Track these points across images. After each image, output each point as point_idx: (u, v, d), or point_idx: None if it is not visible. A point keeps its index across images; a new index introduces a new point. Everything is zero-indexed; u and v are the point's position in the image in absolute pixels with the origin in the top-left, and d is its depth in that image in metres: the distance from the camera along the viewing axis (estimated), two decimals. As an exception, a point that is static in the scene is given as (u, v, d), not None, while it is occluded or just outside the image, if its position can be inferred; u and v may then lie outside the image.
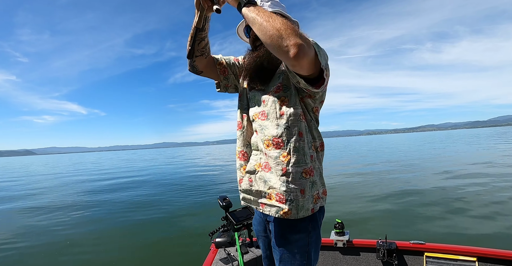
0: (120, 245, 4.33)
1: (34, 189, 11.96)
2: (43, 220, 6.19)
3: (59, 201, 8.63)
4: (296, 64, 0.79)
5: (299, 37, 0.75)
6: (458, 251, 1.73)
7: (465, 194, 6.00)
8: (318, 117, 1.07)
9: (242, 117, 1.13)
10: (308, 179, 0.98)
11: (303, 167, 0.97)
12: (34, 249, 4.37)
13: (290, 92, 0.99)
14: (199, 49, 1.09)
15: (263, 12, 0.81)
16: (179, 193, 8.66)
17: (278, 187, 0.97)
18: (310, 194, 0.98)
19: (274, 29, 0.76)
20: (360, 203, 5.84)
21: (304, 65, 0.80)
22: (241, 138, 1.12)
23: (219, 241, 2.00)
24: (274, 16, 0.79)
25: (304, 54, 0.75)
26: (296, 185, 0.96)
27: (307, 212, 0.98)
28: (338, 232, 2.05)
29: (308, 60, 0.78)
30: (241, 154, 1.12)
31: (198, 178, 12.32)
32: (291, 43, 0.74)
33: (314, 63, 0.82)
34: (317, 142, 1.06)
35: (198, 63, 1.13)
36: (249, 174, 1.06)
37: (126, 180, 13.64)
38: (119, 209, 7.00)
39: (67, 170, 25.59)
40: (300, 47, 0.74)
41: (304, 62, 0.78)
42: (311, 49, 0.78)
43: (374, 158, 16.21)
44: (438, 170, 9.75)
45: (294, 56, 0.75)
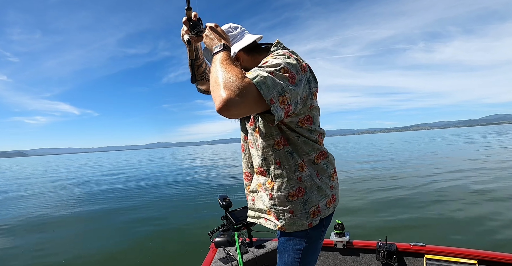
0: (119, 245, 4.34)
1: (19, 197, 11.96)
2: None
3: (58, 201, 8.64)
4: (228, 116, 0.78)
5: (227, 90, 0.75)
6: (458, 254, 1.72)
7: (466, 195, 5.98)
8: (313, 124, 1.03)
9: (244, 140, 1.18)
10: (296, 200, 1.01)
11: (287, 191, 1.01)
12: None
13: (261, 123, 1.01)
14: (199, 75, 1.21)
15: (216, 65, 0.86)
16: (178, 192, 8.67)
17: (270, 208, 1.06)
18: (304, 212, 1.02)
19: (212, 80, 0.81)
20: (361, 204, 5.83)
21: (239, 113, 0.78)
22: (244, 159, 1.18)
23: (219, 241, 2.01)
24: (218, 67, 0.83)
25: (229, 107, 0.74)
26: (284, 207, 1.02)
27: (302, 227, 1.03)
28: (338, 233, 2.05)
29: (239, 108, 0.76)
30: (245, 175, 1.19)
31: (198, 178, 12.34)
32: (217, 98, 0.76)
33: (258, 102, 0.79)
34: (312, 155, 1.04)
35: (201, 86, 1.25)
36: (252, 193, 1.14)
37: (124, 180, 13.67)
38: (118, 208, 7.02)
39: (65, 171, 25.65)
40: (224, 101, 0.74)
41: (234, 112, 0.77)
42: (244, 95, 0.76)
43: (373, 158, 16.19)
44: (438, 169, 9.73)
45: (219, 109, 0.75)
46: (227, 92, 0.75)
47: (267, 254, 1.89)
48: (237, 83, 0.76)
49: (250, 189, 1.16)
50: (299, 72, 0.89)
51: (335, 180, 1.13)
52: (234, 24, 1.10)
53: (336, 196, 1.12)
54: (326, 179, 1.07)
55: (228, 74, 0.79)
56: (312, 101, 0.99)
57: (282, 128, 1.00)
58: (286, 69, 0.85)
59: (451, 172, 9.40)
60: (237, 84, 0.76)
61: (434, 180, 8.00)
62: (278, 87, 0.81)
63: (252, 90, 0.77)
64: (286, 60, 0.89)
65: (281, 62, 0.86)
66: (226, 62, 0.85)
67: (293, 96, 0.86)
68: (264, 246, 1.96)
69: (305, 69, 0.94)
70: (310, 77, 0.97)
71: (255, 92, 0.78)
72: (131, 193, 9.25)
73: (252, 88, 0.78)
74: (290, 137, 1.01)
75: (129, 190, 9.83)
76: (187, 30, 1.03)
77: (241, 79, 0.77)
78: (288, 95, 0.83)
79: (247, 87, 0.77)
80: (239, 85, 0.76)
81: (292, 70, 0.87)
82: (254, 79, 0.78)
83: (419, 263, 1.83)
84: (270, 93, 0.79)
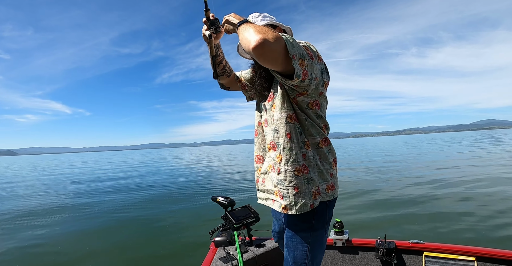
0: (119, 244, 4.34)
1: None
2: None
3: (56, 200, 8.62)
4: (258, 55, 0.85)
5: (262, 34, 0.84)
6: (457, 251, 1.73)
7: (465, 193, 6.02)
8: (320, 111, 1.10)
9: (257, 125, 1.25)
10: (301, 176, 1.05)
11: (294, 165, 1.05)
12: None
13: (278, 98, 1.08)
14: (219, 71, 1.30)
15: (245, 28, 0.92)
16: (178, 192, 8.67)
17: (277, 185, 1.09)
18: (307, 191, 1.06)
19: (248, 36, 0.88)
20: (360, 202, 5.85)
21: (268, 55, 0.86)
22: (257, 143, 1.25)
23: (219, 240, 2.01)
24: (250, 28, 0.89)
25: (263, 45, 0.82)
26: (290, 183, 1.05)
27: (305, 208, 1.05)
28: (338, 231, 2.05)
29: (270, 50, 0.84)
30: (257, 158, 1.26)
31: (198, 178, 12.34)
32: (253, 39, 0.83)
33: (283, 55, 0.88)
34: (317, 139, 1.10)
35: (222, 81, 1.34)
36: (263, 174, 1.20)
37: (124, 180, 13.64)
38: (117, 208, 7.01)
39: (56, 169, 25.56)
40: (260, 40, 0.82)
41: (266, 53, 0.85)
42: (276, 42, 0.85)
43: (372, 158, 16.24)
44: (438, 169, 9.77)
45: (254, 47, 0.83)
46: (263, 35, 0.84)
47: (267, 253, 1.90)
48: (270, 32, 0.86)
49: (261, 171, 1.21)
50: (316, 57, 0.99)
51: (335, 170, 1.17)
52: (257, 13, 1.19)
53: (335, 186, 1.15)
54: (327, 165, 1.13)
55: (260, 28, 0.88)
56: (322, 88, 1.08)
57: (293, 106, 1.08)
58: (307, 48, 0.97)
59: (451, 171, 9.44)
60: (270, 33, 0.85)
61: (433, 179, 8.04)
62: (301, 50, 0.91)
63: (281, 41, 0.86)
64: (307, 43, 1.00)
65: (303, 42, 0.99)
66: (257, 25, 0.92)
67: (310, 66, 0.95)
68: (264, 245, 1.96)
69: (321, 60, 1.04)
70: (324, 69, 1.07)
71: (283, 44, 0.87)
72: (130, 192, 9.24)
73: (281, 40, 0.87)
74: (299, 117, 1.08)
75: (128, 189, 9.82)
76: (207, 28, 1.13)
77: (273, 32, 0.86)
78: (306, 63, 0.93)
79: (278, 37, 0.86)
80: (272, 34, 0.85)
81: (311, 51, 0.97)
82: (283, 36, 0.88)
83: (418, 260, 1.84)
84: (294, 50, 0.89)
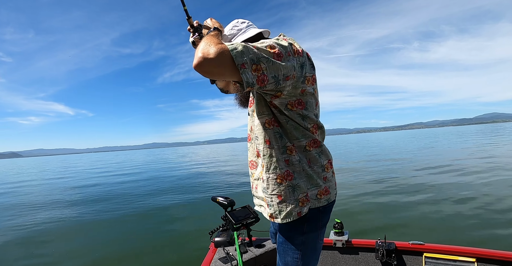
0: (118, 244, 4.34)
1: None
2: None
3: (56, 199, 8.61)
4: (202, 73, 0.84)
5: (203, 52, 0.83)
6: (457, 252, 1.73)
7: (465, 194, 6.00)
8: (305, 110, 1.01)
9: (250, 129, 1.20)
10: (285, 184, 1.02)
11: (276, 173, 1.02)
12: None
13: (256, 103, 1.06)
14: None
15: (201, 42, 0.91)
16: (178, 192, 8.67)
17: (263, 193, 1.08)
18: (293, 198, 1.01)
19: (195, 52, 0.87)
20: (360, 203, 5.84)
21: (212, 72, 0.85)
22: (250, 149, 1.20)
23: (218, 240, 2.01)
24: (201, 42, 0.88)
25: (202, 64, 0.82)
26: (272, 191, 1.04)
27: (290, 216, 1.01)
28: (337, 232, 2.05)
29: (212, 66, 0.83)
30: (251, 163, 1.22)
31: (198, 177, 12.33)
32: (195, 57, 0.83)
33: (230, 67, 0.84)
34: (303, 141, 1.03)
35: (220, 86, 1.32)
36: (256, 180, 1.17)
37: (124, 180, 13.65)
38: (117, 208, 7.01)
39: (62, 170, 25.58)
40: (199, 59, 0.82)
41: (209, 71, 0.84)
42: (218, 56, 0.82)
43: (372, 157, 16.22)
44: (437, 169, 9.75)
45: (194, 66, 0.83)
46: (204, 52, 0.82)
47: (267, 253, 1.90)
48: (213, 47, 0.83)
49: (254, 177, 1.18)
50: (289, 53, 0.92)
51: (330, 172, 1.10)
52: (241, 20, 1.18)
53: (330, 189, 1.08)
54: (319, 169, 1.05)
55: (209, 42, 0.86)
56: (304, 85, 0.99)
57: (272, 110, 1.03)
58: (272, 46, 0.89)
59: (451, 171, 9.43)
60: (213, 48, 0.83)
61: (433, 179, 8.03)
62: (254, 55, 0.85)
63: (225, 54, 0.83)
64: (276, 41, 0.93)
65: (269, 42, 0.91)
66: (210, 36, 0.92)
67: (271, 68, 0.87)
68: (263, 245, 1.96)
69: (299, 53, 0.96)
70: (305, 63, 0.98)
71: (229, 57, 0.83)
72: (130, 192, 9.24)
73: (226, 52, 0.83)
74: (280, 120, 1.03)
75: (127, 189, 9.82)
76: (192, 35, 1.14)
77: (218, 45, 0.84)
78: (264, 66, 0.86)
79: (220, 50, 0.83)
80: (215, 48, 0.83)
81: (280, 49, 0.90)
82: (229, 46, 0.84)
83: (418, 261, 1.84)
84: (242, 59, 0.83)
